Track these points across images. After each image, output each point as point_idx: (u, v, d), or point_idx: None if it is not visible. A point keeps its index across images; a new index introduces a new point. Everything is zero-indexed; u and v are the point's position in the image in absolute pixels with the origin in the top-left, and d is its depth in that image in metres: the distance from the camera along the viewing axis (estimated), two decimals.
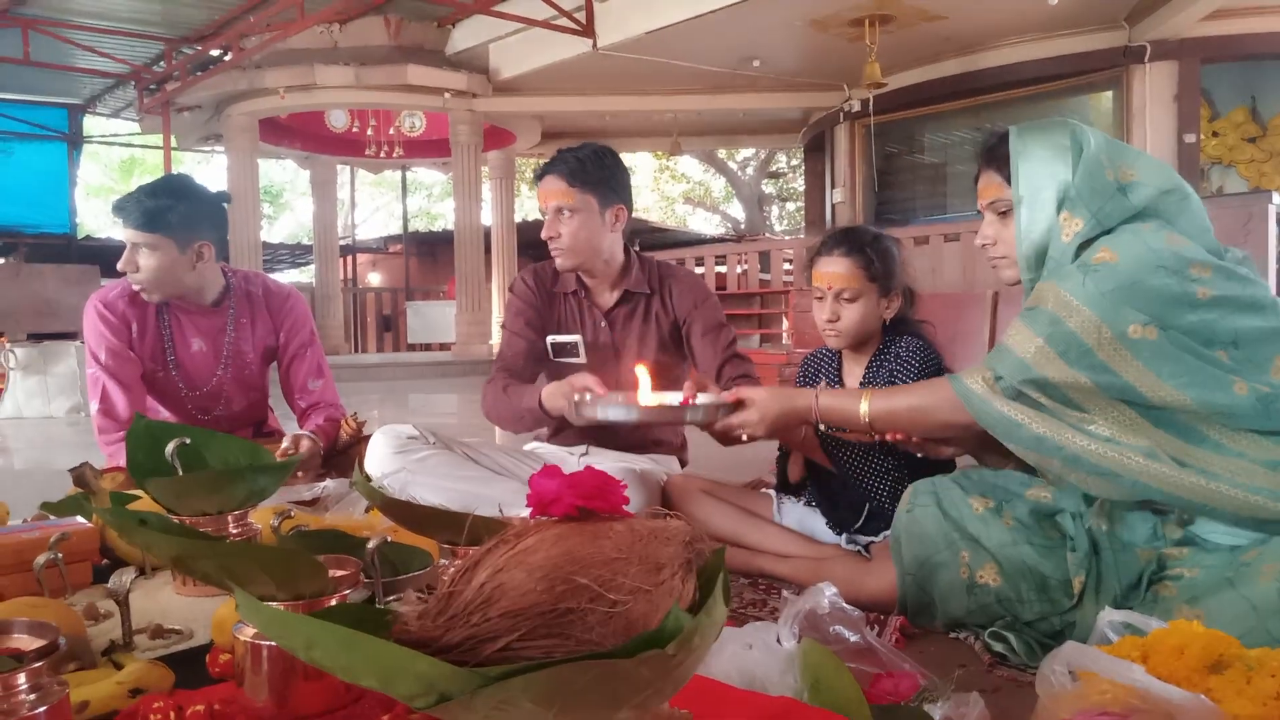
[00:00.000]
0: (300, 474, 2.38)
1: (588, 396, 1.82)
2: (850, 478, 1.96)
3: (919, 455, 1.80)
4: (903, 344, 1.96)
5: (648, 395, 1.76)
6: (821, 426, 1.96)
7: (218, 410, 2.60)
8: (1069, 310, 1.42)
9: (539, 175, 2.30)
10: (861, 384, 2.00)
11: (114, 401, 2.40)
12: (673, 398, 1.77)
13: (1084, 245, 1.47)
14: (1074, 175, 1.48)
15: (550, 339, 2.39)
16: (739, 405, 1.74)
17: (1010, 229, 1.58)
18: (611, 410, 1.74)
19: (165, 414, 2.57)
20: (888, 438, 1.69)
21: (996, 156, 1.59)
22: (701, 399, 1.78)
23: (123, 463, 2.17)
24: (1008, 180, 1.55)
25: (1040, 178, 1.50)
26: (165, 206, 2.32)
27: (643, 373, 1.76)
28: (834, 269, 1.96)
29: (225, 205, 2.51)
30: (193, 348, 2.52)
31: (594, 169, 2.24)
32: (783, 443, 2.05)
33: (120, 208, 2.34)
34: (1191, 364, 1.37)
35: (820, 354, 2.17)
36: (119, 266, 2.36)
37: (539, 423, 2.23)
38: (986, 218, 1.64)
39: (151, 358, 2.49)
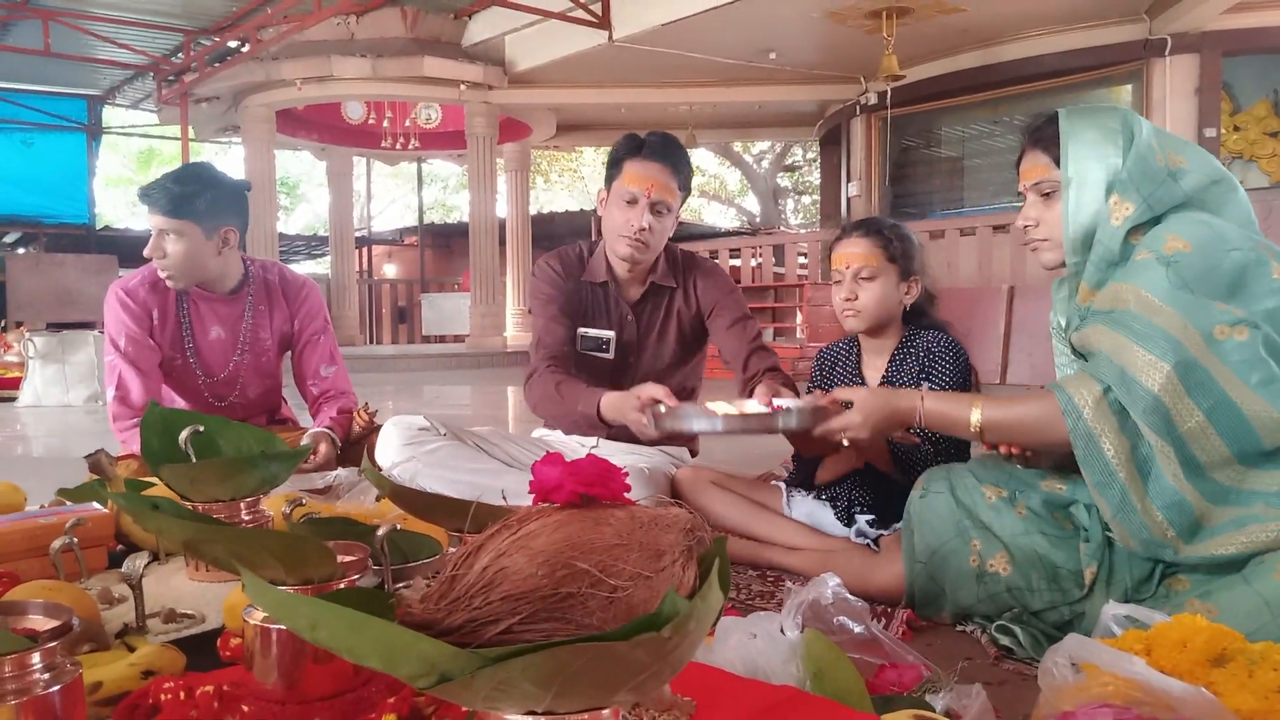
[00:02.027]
0: (311, 458, 2.40)
1: (661, 408, 1.78)
2: (908, 480, 1.92)
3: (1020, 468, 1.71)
4: (931, 338, 1.95)
5: (727, 407, 1.71)
6: (916, 429, 1.83)
7: (233, 397, 2.61)
8: (1152, 310, 1.37)
9: (648, 156, 2.18)
10: (884, 379, 1.99)
11: (130, 388, 2.42)
12: (751, 406, 1.72)
13: (1133, 231, 1.46)
14: (1125, 159, 1.46)
15: (581, 331, 2.36)
16: (831, 407, 1.66)
17: (1054, 211, 1.55)
18: (698, 421, 1.68)
19: (180, 402, 2.60)
20: (1000, 450, 1.62)
21: (1044, 137, 1.56)
22: (788, 403, 1.72)
23: (137, 449, 2.19)
24: (1055, 162, 1.53)
25: (1090, 160, 1.49)
26: (191, 193, 2.35)
27: (719, 406, 1.73)
28: (852, 249, 1.97)
29: (247, 193, 2.54)
30: (211, 335, 2.54)
31: (689, 169, 2.22)
32: (864, 458, 1.93)
33: (147, 194, 2.37)
34: (1274, 371, 1.33)
35: (837, 347, 2.16)
36: (146, 253, 2.39)
37: (593, 429, 2.16)
38: (1029, 199, 1.61)
39: (171, 345, 2.51)
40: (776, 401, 1.72)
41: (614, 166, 2.23)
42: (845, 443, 1.67)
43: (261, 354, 2.62)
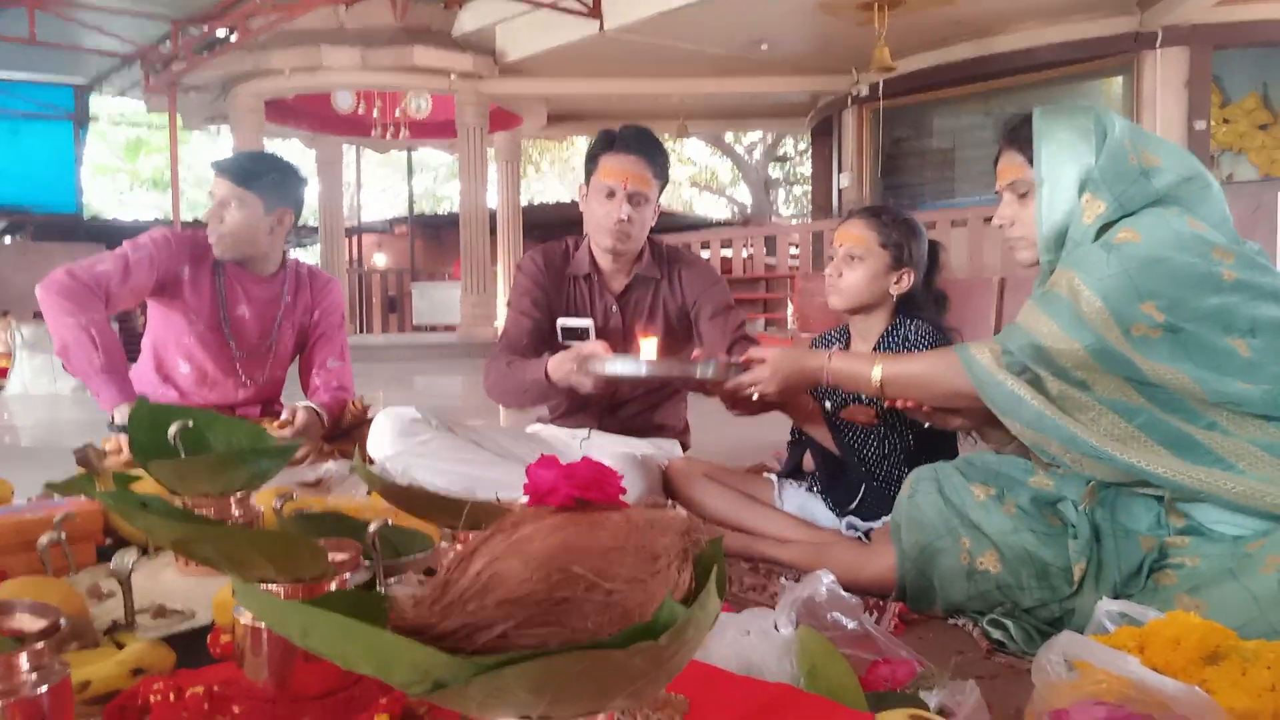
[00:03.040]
0: (292, 434, 2.40)
1: (592, 362, 1.82)
2: (852, 458, 1.96)
3: (927, 426, 1.80)
4: (913, 327, 1.97)
5: (655, 352, 1.76)
6: (828, 405, 1.99)
7: (261, 378, 2.67)
8: (1080, 299, 1.43)
9: (620, 149, 2.19)
10: None
11: (98, 272, 2.36)
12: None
13: (1104, 228, 1.47)
14: (1097, 158, 1.48)
15: (561, 322, 2.37)
16: (750, 366, 1.75)
17: (1029, 210, 1.58)
18: (620, 364, 1.73)
19: (209, 374, 2.60)
20: (898, 404, 1.69)
21: (1018, 138, 1.59)
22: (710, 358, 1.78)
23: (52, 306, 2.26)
24: (1029, 161, 1.56)
25: (1063, 160, 1.50)
26: (261, 169, 2.52)
27: (648, 343, 1.77)
28: (849, 230, 2.00)
29: (305, 188, 2.67)
30: (237, 311, 2.60)
31: (664, 158, 2.24)
32: (789, 416, 2.05)
33: (220, 163, 2.52)
34: (1197, 357, 1.38)
35: (829, 334, 2.19)
36: (204, 217, 2.52)
37: (544, 395, 2.20)
38: (1005, 198, 1.64)
39: (204, 315, 2.55)
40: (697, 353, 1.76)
41: (591, 162, 2.26)
42: (755, 397, 1.77)
43: (283, 340, 2.70)
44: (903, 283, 1.99)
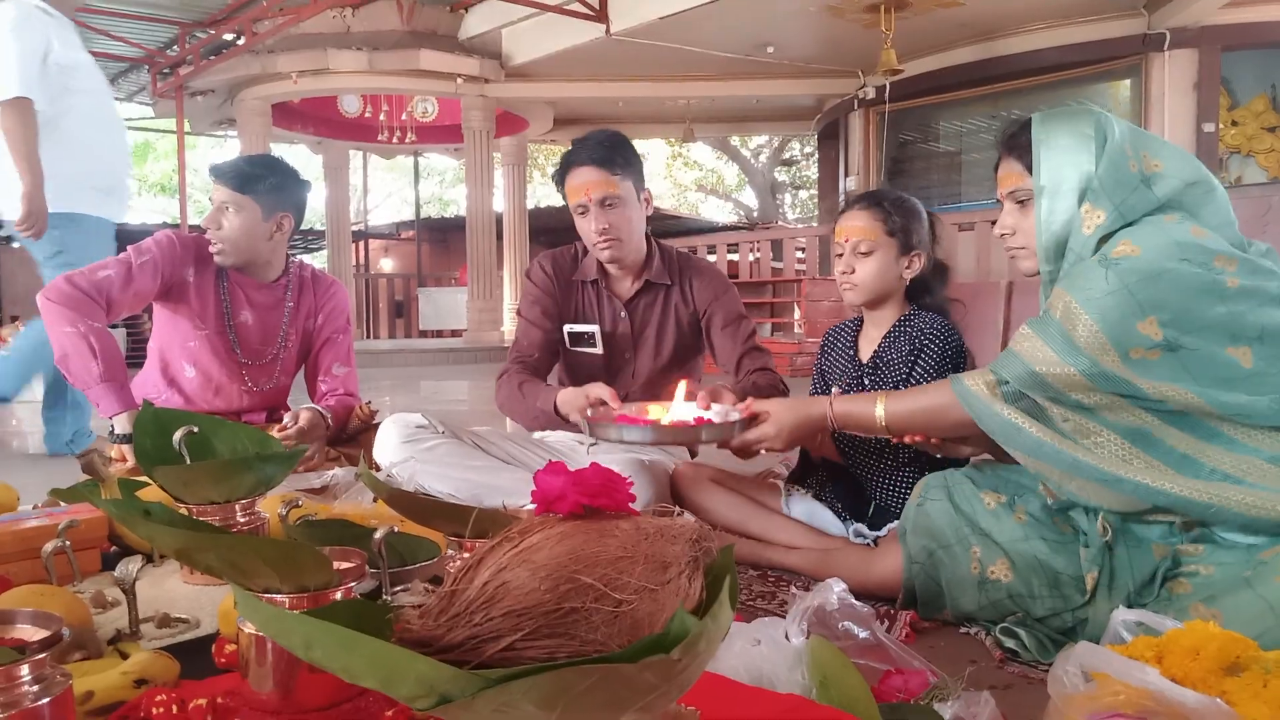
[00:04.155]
0: (296, 434, 2.38)
1: (601, 410, 1.84)
2: (864, 475, 1.95)
3: (938, 456, 1.78)
4: (925, 319, 1.94)
5: (660, 413, 1.77)
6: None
7: (267, 384, 2.66)
8: (1077, 324, 1.40)
9: (574, 165, 2.21)
10: (876, 353, 1.98)
11: (112, 282, 2.36)
12: (687, 409, 1.76)
13: (1105, 238, 1.45)
14: (1097, 166, 1.45)
15: (567, 328, 2.37)
16: (754, 420, 1.74)
17: (1030, 219, 1.55)
18: (626, 433, 1.74)
19: (215, 380, 2.59)
20: (906, 439, 1.67)
21: (1018, 144, 1.56)
22: (716, 409, 1.79)
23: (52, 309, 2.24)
24: (1029, 169, 1.52)
25: (1062, 168, 1.47)
26: (260, 174, 2.48)
27: (657, 408, 1.80)
28: (852, 222, 1.97)
29: (308, 191, 2.64)
30: (240, 317, 2.59)
31: (622, 154, 2.21)
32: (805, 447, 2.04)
33: (216, 168, 2.49)
34: (1198, 373, 1.35)
35: (839, 327, 2.17)
36: (202, 223, 2.49)
37: (553, 425, 2.22)
38: (1006, 207, 1.61)
39: (210, 322, 2.53)
40: (700, 414, 1.77)
41: (560, 187, 2.27)
42: (764, 452, 1.78)
43: (288, 346, 2.68)
44: (914, 266, 1.97)
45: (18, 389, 3.33)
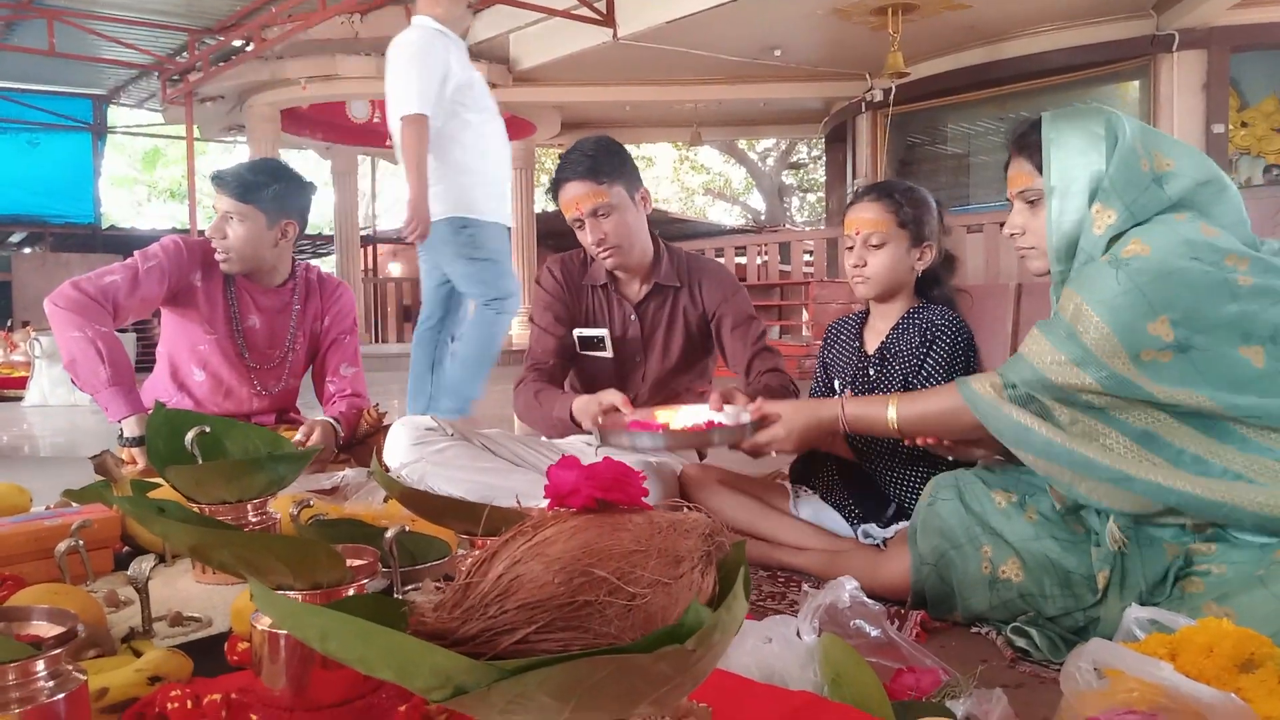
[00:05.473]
0: (305, 440, 2.39)
1: (613, 417, 1.86)
2: (882, 475, 1.94)
3: (950, 459, 1.77)
4: (935, 312, 1.93)
5: (670, 416, 1.79)
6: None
7: (276, 388, 2.66)
8: (1087, 326, 1.39)
9: (561, 182, 2.23)
10: (883, 345, 1.97)
11: (106, 284, 2.36)
12: (697, 412, 1.77)
13: (1115, 238, 1.44)
14: (1108, 165, 1.44)
15: (577, 332, 2.37)
16: (765, 421, 1.74)
17: (1040, 219, 1.54)
18: (638, 440, 1.76)
19: (225, 384, 2.60)
20: (918, 442, 1.67)
21: (1028, 144, 1.55)
22: (727, 412, 1.80)
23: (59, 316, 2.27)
24: (1039, 169, 1.52)
25: (1073, 167, 1.46)
26: (262, 182, 2.47)
27: (666, 413, 1.83)
28: (863, 215, 1.95)
29: (312, 195, 2.65)
30: (247, 322, 2.59)
31: (608, 161, 2.21)
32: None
33: (219, 177, 2.48)
34: (1210, 375, 1.34)
35: (844, 320, 2.16)
36: (208, 233, 2.49)
37: (571, 432, 2.23)
38: (1016, 207, 1.61)
39: (220, 328, 2.54)
40: (711, 417, 1.79)
41: (557, 204, 2.28)
42: (774, 454, 1.79)
43: (295, 349, 2.69)
44: (925, 258, 1.96)
45: (475, 391, 3.58)
